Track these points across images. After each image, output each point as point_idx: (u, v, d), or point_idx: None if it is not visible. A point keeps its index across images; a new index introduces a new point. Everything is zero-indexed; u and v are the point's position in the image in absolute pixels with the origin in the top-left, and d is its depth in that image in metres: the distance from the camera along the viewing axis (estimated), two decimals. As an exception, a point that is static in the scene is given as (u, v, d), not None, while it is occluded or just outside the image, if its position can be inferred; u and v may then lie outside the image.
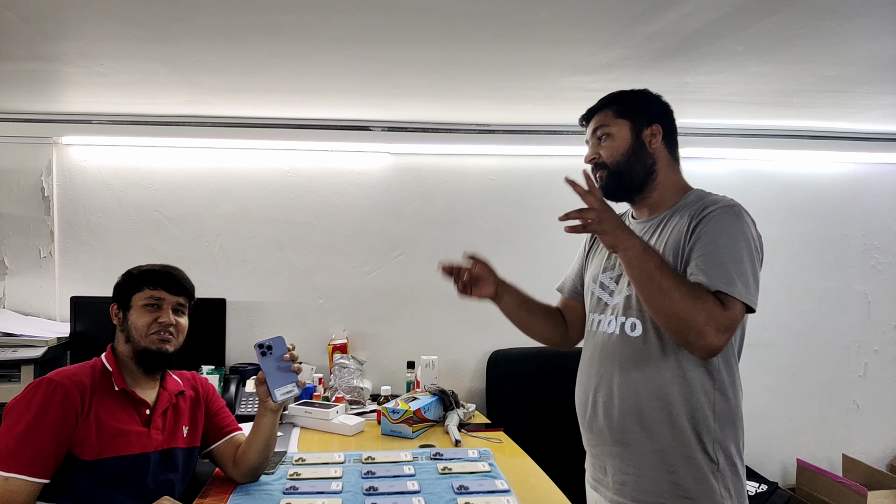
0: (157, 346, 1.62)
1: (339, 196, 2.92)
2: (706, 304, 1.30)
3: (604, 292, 1.59)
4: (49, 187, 2.77)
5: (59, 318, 2.75)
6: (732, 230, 1.36)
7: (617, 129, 1.53)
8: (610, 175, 1.54)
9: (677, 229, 1.44)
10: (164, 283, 1.65)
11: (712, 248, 1.35)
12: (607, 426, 1.51)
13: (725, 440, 1.43)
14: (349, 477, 1.80)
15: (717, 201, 1.43)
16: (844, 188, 3.21)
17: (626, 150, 1.52)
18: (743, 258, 1.34)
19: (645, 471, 1.45)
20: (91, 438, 1.50)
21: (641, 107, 1.54)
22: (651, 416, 1.43)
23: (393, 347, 2.93)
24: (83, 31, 1.64)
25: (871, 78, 2.07)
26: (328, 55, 1.89)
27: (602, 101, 1.58)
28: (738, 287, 1.32)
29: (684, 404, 1.41)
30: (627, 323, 1.49)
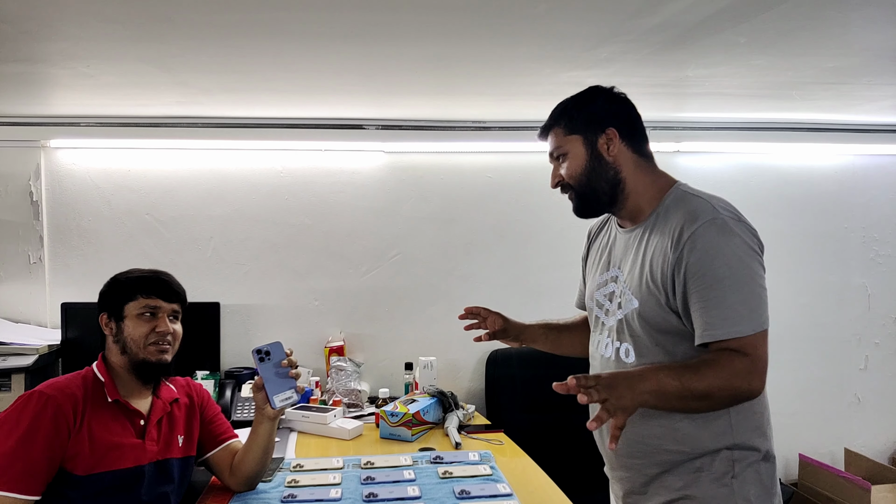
0: (156, 357, 1.58)
1: (334, 196, 2.89)
2: (736, 371, 1.23)
3: (601, 311, 1.54)
4: (37, 192, 2.74)
5: (50, 325, 2.72)
6: (723, 255, 1.26)
7: (570, 146, 1.45)
8: (577, 196, 1.47)
9: (657, 253, 1.35)
10: (158, 291, 1.60)
11: (709, 290, 1.26)
12: (613, 453, 1.48)
13: (749, 448, 1.36)
14: (348, 483, 1.78)
15: (697, 215, 1.31)
16: (843, 180, 3.20)
17: (584, 168, 1.44)
18: (742, 286, 1.26)
19: (654, 490, 1.41)
20: (84, 453, 1.47)
21: (589, 115, 1.44)
22: (655, 444, 1.38)
23: (390, 349, 2.91)
24: (68, 31, 1.61)
25: (872, 69, 2.06)
26: (321, 53, 1.86)
27: (551, 116, 1.50)
28: (748, 324, 1.25)
29: (692, 428, 1.34)
30: (622, 348, 1.44)
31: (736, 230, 1.28)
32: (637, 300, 1.37)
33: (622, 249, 1.48)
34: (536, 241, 3.00)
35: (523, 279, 2.99)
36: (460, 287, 2.96)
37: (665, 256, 1.32)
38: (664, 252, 1.33)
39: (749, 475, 1.34)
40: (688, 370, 1.23)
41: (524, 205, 2.99)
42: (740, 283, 1.25)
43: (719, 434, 1.34)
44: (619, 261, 1.48)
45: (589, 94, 1.48)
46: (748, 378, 1.24)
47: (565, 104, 1.48)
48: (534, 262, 3.00)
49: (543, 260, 3.00)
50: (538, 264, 3.00)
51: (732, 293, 1.25)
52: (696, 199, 1.36)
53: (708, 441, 1.34)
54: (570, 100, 1.49)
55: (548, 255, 3.00)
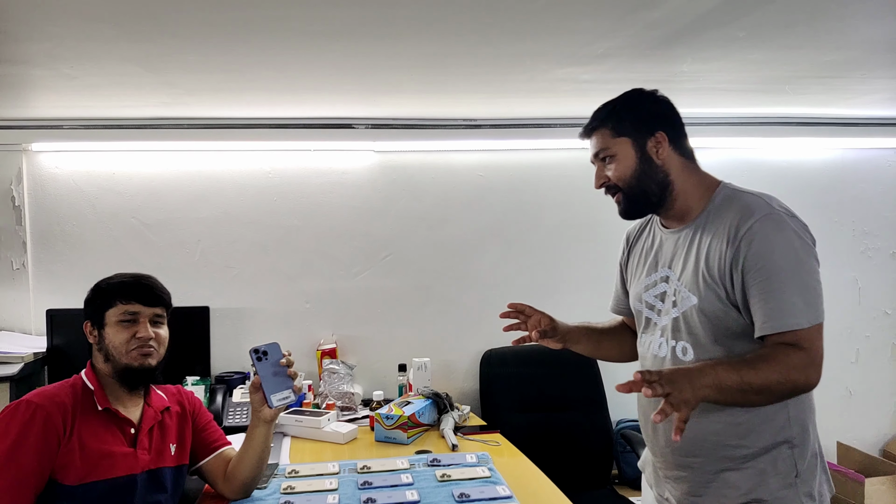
0: (139, 362, 1.55)
1: (324, 197, 2.86)
2: (793, 364, 1.26)
3: (651, 312, 1.53)
4: (20, 196, 2.69)
5: (35, 333, 2.67)
6: (780, 249, 1.29)
7: (619, 148, 1.45)
8: (625, 197, 1.47)
9: (714, 249, 1.37)
10: (137, 296, 1.57)
11: (767, 283, 1.28)
12: (670, 451, 1.47)
13: (805, 442, 1.39)
14: (345, 489, 1.77)
15: (752, 210, 1.34)
16: (834, 174, 3.22)
17: (634, 170, 1.44)
18: (799, 279, 1.29)
19: (710, 489, 1.41)
20: (74, 462, 1.45)
21: (638, 118, 1.45)
22: (715, 440, 1.39)
23: (383, 350, 2.89)
24: (51, 31, 1.57)
25: (868, 62, 2.06)
26: (310, 51, 1.84)
27: (596, 117, 1.50)
28: (805, 317, 1.27)
29: (753, 422, 1.36)
30: (678, 347, 1.44)
31: (791, 225, 1.32)
32: (696, 296, 1.38)
33: (671, 249, 1.49)
34: (529, 240, 2.99)
35: (517, 278, 2.99)
36: (453, 287, 2.95)
37: (721, 252, 1.34)
38: (720, 248, 1.35)
39: (809, 471, 1.38)
40: (745, 364, 1.25)
41: (517, 203, 2.98)
42: (797, 276, 1.28)
43: (779, 428, 1.36)
44: (668, 261, 1.49)
45: (635, 96, 1.49)
46: (805, 371, 1.26)
47: (612, 106, 1.48)
48: (527, 262, 2.99)
49: (537, 259, 2.99)
50: (532, 263, 3.00)
51: (789, 286, 1.27)
52: (749, 196, 1.38)
53: (768, 436, 1.36)
54: (616, 102, 1.49)
55: (541, 254, 2.99)
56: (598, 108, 1.50)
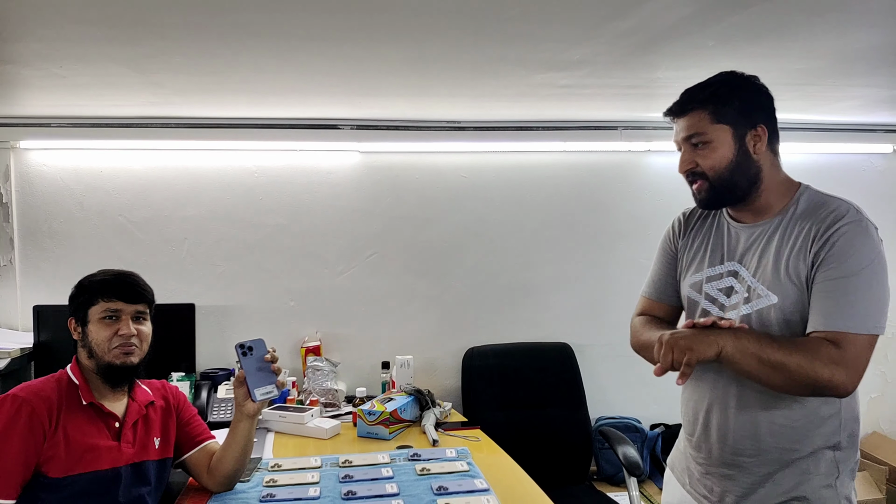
0: (120, 360, 1.57)
1: (309, 196, 2.89)
2: (822, 357, 1.23)
3: (712, 305, 1.47)
4: (7, 193, 2.70)
5: (22, 329, 2.68)
6: (859, 254, 1.27)
7: (716, 135, 1.36)
8: (711, 188, 1.40)
9: (797, 249, 1.33)
10: (118, 293, 1.58)
11: (835, 282, 1.27)
12: (720, 448, 1.44)
13: (850, 447, 1.38)
14: (327, 482, 1.79)
15: (841, 213, 1.30)
16: (810, 178, 3.17)
17: (730, 162, 1.37)
18: (869, 286, 1.27)
19: (760, 492, 1.39)
20: (59, 455, 1.47)
21: (743, 106, 1.36)
22: (770, 441, 1.37)
23: (367, 348, 2.92)
24: (41, 33, 1.59)
25: (838, 71, 2.11)
26: (296, 55, 1.86)
27: (694, 97, 1.40)
28: (860, 322, 1.24)
29: (809, 426, 1.35)
30: None
31: (874, 235, 1.30)
32: (777, 295, 1.33)
33: (744, 244, 1.43)
34: (510, 240, 3.03)
35: (497, 277, 3.03)
36: (436, 285, 2.99)
37: (806, 252, 1.31)
38: (806, 248, 1.31)
39: (847, 475, 1.37)
40: (771, 339, 1.26)
41: (498, 204, 3.02)
42: (868, 283, 1.26)
43: (831, 433, 1.35)
44: (739, 255, 1.43)
45: (739, 80, 1.40)
46: (832, 369, 1.22)
47: (714, 88, 1.39)
48: (508, 261, 3.03)
49: (518, 258, 3.03)
50: (512, 262, 3.04)
51: (857, 291, 1.26)
52: (838, 200, 1.35)
53: (820, 439, 1.35)
54: (718, 83, 1.39)
55: (523, 253, 3.03)
56: (695, 88, 1.41)
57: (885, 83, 2.31)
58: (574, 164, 3.03)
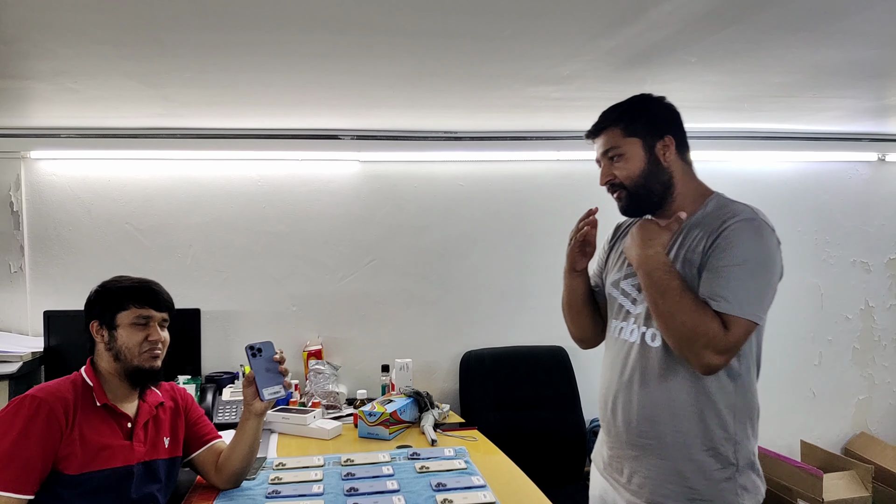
0: (149, 364, 1.63)
1: (311, 204, 2.95)
2: (708, 328, 1.33)
3: (626, 300, 1.58)
4: (18, 202, 2.75)
5: (32, 333, 2.73)
6: (747, 246, 1.36)
7: (628, 148, 1.49)
8: (629, 196, 1.52)
9: (697, 244, 1.43)
10: (149, 301, 1.65)
11: (723, 267, 1.36)
12: (626, 431, 1.53)
13: (744, 439, 1.45)
14: (330, 479, 1.84)
15: (736, 213, 1.41)
16: (796, 186, 3.34)
17: (643, 170, 1.49)
18: (752, 274, 1.35)
19: (661, 474, 1.47)
20: (75, 453, 1.51)
21: (650, 121, 1.50)
22: (668, 424, 1.46)
23: (367, 352, 2.97)
24: (61, 51, 1.66)
25: (815, 84, 2.18)
26: (300, 70, 1.93)
27: (607, 118, 1.53)
28: (740, 305, 1.33)
29: (702, 411, 1.43)
30: (648, 333, 1.50)
31: (765, 234, 1.39)
32: None
33: None
34: (506, 247, 3.08)
35: (494, 283, 3.08)
36: (434, 291, 3.04)
37: (703, 248, 1.41)
38: (703, 243, 1.42)
39: (745, 464, 1.45)
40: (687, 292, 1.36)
41: (494, 211, 3.07)
42: (750, 274, 1.35)
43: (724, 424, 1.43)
44: None
45: (645, 100, 1.54)
46: (712, 346, 1.33)
47: (624, 108, 1.53)
48: (503, 267, 3.08)
49: (513, 264, 3.09)
50: (509, 268, 3.09)
51: (738, 279, 1.34)
52: (738, 204, 1.47)
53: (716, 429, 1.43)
54: (627, 104, 1.54)
55: (518, 259, 3.09)
56: (608, 110, 1.54)
57: (865, 95, 2.38)
58: (567, 172, 3.08)
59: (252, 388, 1.72)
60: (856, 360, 3.44)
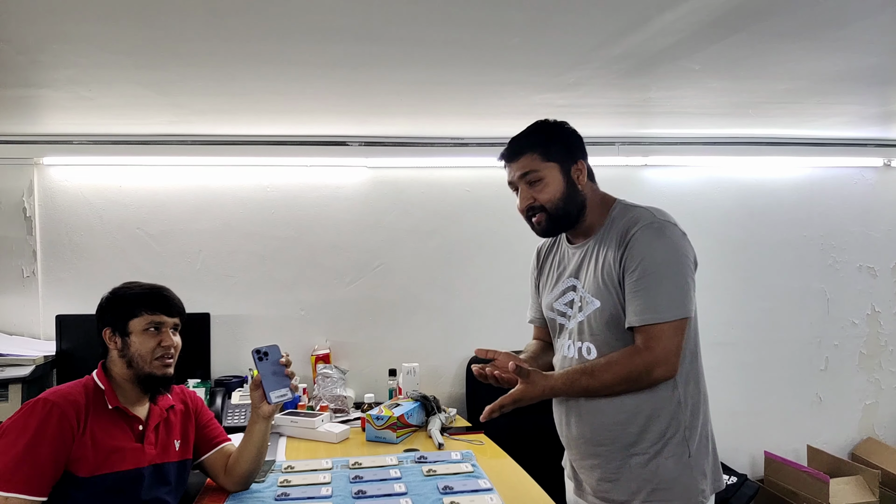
0: (161, 371, 1.64)
1: (319, 210, 2.97)
2: (636, 364, 1.42)
3: (563, 318, 1.64)
4: (31, 207, 2.79)
5: (44, 337, 2.76)
6: (654, 252, 1.44)
7: (547, 172, 1.53)
8: (549, 218, 1.56)
9: (609, 257, 1.50)
10: (161, 307, 1.65)
11: (638, 281, 1.43)
12: (583, 442, 1.58)
13: (695, 426, 1.51)
14: (338, 482, 1.85)
15: (637, 220, 1.49)
16: (802, 191, 3.35)
17: (562, 193, 1.54)
18: (667, 276, 1.43)
19: (621, 474, 1.52)
20: (87, 456, 1.52)
21: (564, 146, 1.55)
22: (619, 428, 1.51)
23: (375, 356, 2.98)
24: (76, 60, 1.69)
25: (819, 91, 2.20)
26: (310, 79, 1.95)
27: (524, 142, 1.57)
28: (665, 311, 1.41)
29: (650, 408, 1.49)
30: (584, 347, 1.56)
31: (667, 232, 1.46)
32: (598, 300, 1.51)
33: (577, 261, 1.61)
34: (512, 251, 3.07)
35: (500, 288, 3.08)
36: (440, 296, 3.06)
37: (615, 258, 1.48)
38: (613, 255, 1.49)
39: (700, 452, 1.51)
40: (585, 374, 1.46)
41: (500, 217, 3.08)
42: (666, 276, 1.43)
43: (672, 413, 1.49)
44: (574, 271, 1.61)
45: (558, 127, 1.59)
46: (649, 371, 1.42)
47: (538, 134, 1.58)
48: (509, 272, 3.07)
49: (519, 269, 3.03)
50: (513, 273, 3.06)
51: (657, 284, 1.42)
52: (637, 209, 1.54)
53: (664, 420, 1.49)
54: (541, 130, 1.59)
55: (524, 264, 3.02)
56: (520, 136, 1.59)
57: (870, 101, 2.40)
58: (573, 178, 3.11)
59: (259, 392, 1.73)
60: (862, 364, 3.44)
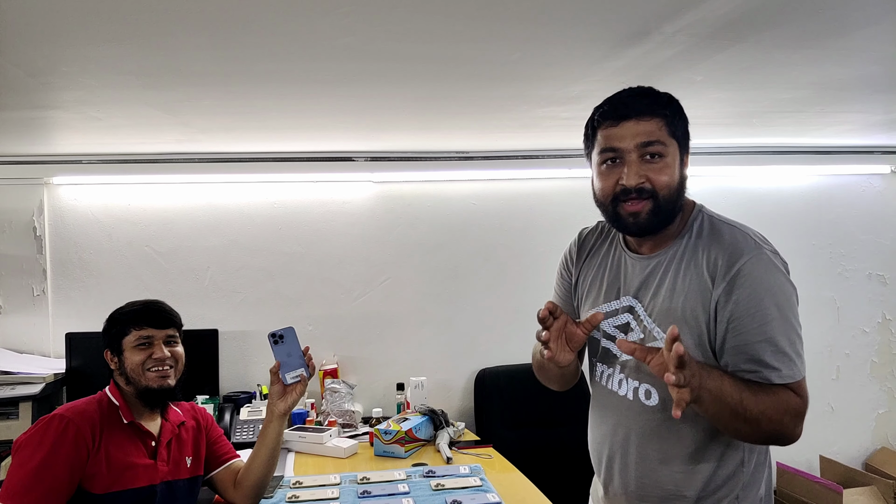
0: (157, 383, 1.65)
1: (326, 225, 2.99)
2: (791, 408, 1.16)
3: (611, 343, 1.36)
4: (41, 227, 2.82)
5: (54, 355, 2.78)
6: (773, 294, 1.17)
7: (671, 150, 1.20)
8: (656, 210, 1.21)
9: (697, 283, 1.22)
10: (148, 321, 1.66)
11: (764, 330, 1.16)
12: (623, 492, 1.36)
13: (755, 486, 1.31)
14: (346, 497, 1.86)
15: (741, 249, 1.19)
16: (810, 200, 3.35)
17: (678, 182, 1.22)
18: (791, 327, 1.18)
19: None
20: (102, 472, 1.54)
21: (686, 129, 1.25)
22: (671, 486, 1.29)
23: (382, 370, 2.99)
24: (85, 82, 1.71)
25: (823, 99, 2.20)
26: (315, 96, 1.97)
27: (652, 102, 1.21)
28: (799, 368, 1.18)
29: (709, 468, 1.27)
30: (641, 389, 1.30)
31: (779, 266, 1.21)
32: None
33: (640, 277, 1.32)
34: (518, 264, 3.10)
35: (508, 301, 3.09)
36: (447, 309, 3.06)
37: (705, 291, 1.20)
38: (703, 286, 1.21)
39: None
40: (748, 389, 1.14)
41: (506, 230, 3.10)
42: (789, 324, 1.18)
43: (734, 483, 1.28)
44: (634, 289, 1.32)
45: (676, 101, 1.26)
46: (796, 419, 1.16)
47: (666, 100, 1.23)
48: (517, 284, 3.10)
49: (526, 282, 3.09)
50: (521, 286, 3.10)
51: (783, 334, 1.17)
52: (732, 229, 1.25)
53: (722, 482, 1.28)
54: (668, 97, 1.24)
55: (531, 276, 3.09)
56: (644, 92, 1.23)
57: (875, 109, 2.40)
58: (579, 189, 3.07)
59: (278, 386, 1.71)
60: (874, 373, 3.41)
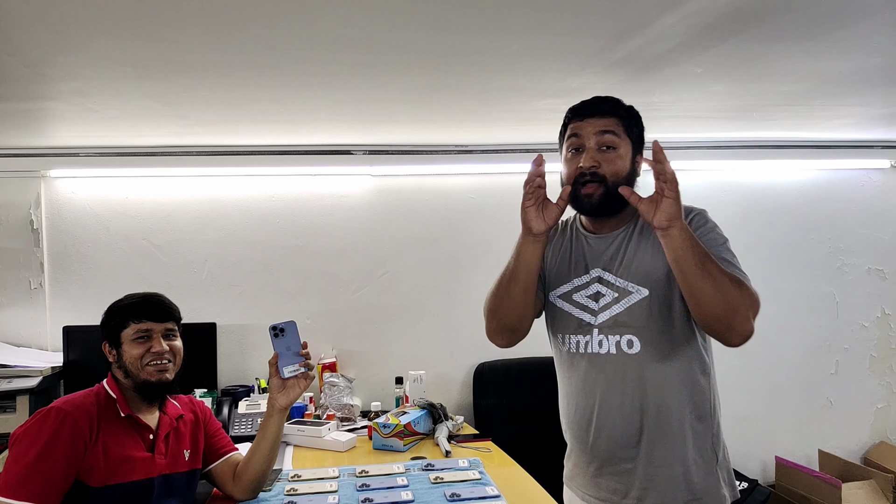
0: (156, 377, 1.64)
1: (324, 218, 2.98)
2: (746, 289, 1.33)
3: (584, 313, 1.51)
4: (38, 220, 2.81)
5: (51, 348, 2.78)
6: (720, 233, 1.43)
7: (623, 145, 1.43)
8: (605, 193, 1.42)
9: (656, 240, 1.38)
10: (147, 314, 1.66)
11: (719, 251, 1.38)
12: (616, 446, 1.46)
13: (720, 433, 1.48)
14: (345, 490, 1.85)
15: (688, 209, 1.44)
16: (809, 194, 3.34)
17: (626, 174, 1.44)
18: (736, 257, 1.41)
19: (662, 481, 1.43)
20: (99, 466, 1.53)
21: (640, 133, 1.48)
22: (659, 430, 1.42)
23: (381, 364, 2.99)
24: (82, 73, 1.70)
25: (823, 92, 2.19)
26: (313, 87, 1.97)
27: (612, 104, 1.46)
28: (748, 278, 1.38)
29: (690, 409, 1.43)
30: (623, 341, 1.44)
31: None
32: (647, 288, 1.42)
33: (605, 251, 1.50)
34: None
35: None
36: (445, 303, 3.05)
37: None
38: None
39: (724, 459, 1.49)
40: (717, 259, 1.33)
41: (504, 223, 3.02)
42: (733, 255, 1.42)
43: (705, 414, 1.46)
44: (603, 262, 1.49)
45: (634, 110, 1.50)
46: (751, 305, 1.34)
47: (624, 106, 1.48)
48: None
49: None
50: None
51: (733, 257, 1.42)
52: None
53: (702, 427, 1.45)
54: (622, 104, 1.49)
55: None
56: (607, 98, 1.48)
57: (875, 102, 2.39)
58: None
59: (278, 379, 1.72)
60: (873, 368, 3.41)
